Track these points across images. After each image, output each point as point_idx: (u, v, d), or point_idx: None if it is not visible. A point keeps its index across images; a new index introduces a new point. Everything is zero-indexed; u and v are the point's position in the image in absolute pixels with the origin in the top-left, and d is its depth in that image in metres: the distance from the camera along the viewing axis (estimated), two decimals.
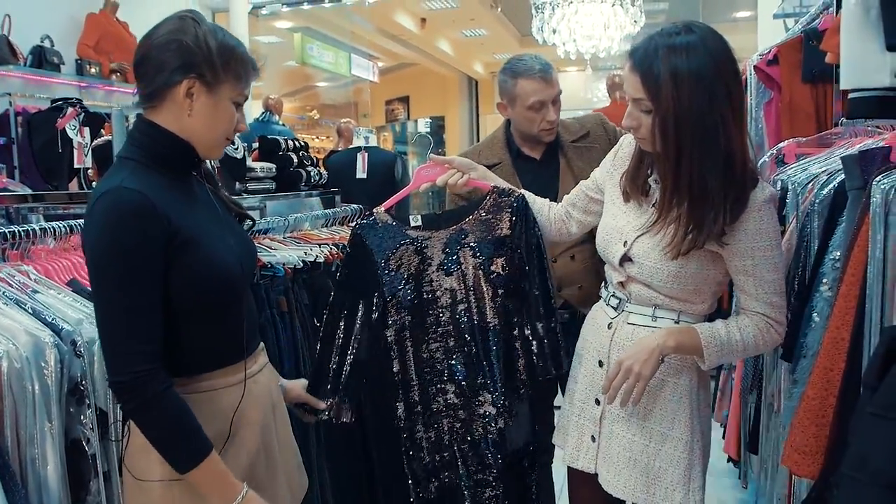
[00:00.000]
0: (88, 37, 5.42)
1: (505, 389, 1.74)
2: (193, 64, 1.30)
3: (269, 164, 2.95)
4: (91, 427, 1.43)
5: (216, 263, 1.33)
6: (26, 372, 1.33)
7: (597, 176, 1.76)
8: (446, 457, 1.76)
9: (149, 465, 1.28)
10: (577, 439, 1.70)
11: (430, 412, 1.75)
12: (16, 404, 1.33)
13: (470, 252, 1.75)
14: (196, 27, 1.31)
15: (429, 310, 1.75)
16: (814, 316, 1.57)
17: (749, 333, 1.50)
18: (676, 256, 1.47)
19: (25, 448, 1.34)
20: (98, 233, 1.22)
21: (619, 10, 5.25)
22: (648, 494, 1.56)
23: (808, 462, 1.44)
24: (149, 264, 1.23)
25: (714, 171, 1.41)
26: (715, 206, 1.42)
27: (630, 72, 1.47)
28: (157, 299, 1.25)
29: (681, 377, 1.57)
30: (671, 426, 1.56)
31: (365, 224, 1.79)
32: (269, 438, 1.45)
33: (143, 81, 1.33)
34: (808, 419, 1.44)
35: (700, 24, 1.44)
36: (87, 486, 1.44)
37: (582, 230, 1.82)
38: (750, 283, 1.49)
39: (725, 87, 1.40)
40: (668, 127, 1.41)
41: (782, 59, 2.62)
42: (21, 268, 1.61)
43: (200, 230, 1.32)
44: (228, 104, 1.36)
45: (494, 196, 1.78)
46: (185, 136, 1.34)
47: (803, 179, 1.90)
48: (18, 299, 1.50)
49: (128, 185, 1.23)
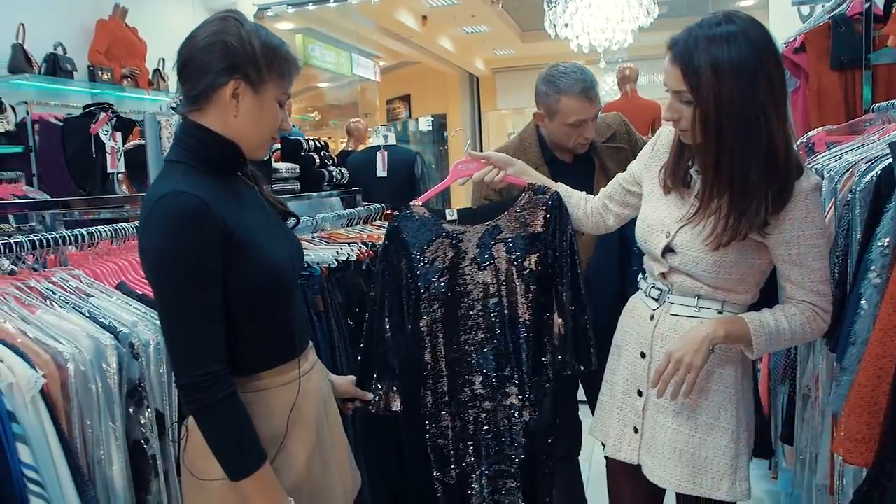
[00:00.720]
0: (99, 43, 5.42)
1: (531, 383, 1.78)
2: (238, 65, 1.30)
3: (293, 165, 2.96)
4: (151, 428, 1.45)
5: (270, 264, 1.34)
6: (90, 375, 1.35)
7: (634, 169, 1.77)
8: (470, 445, 1.80)
9: (210, 464, 1.29)
10: (619, 431, 1.71)
11: (457, 402, 1.80)
12: (81, 407, 1.34)
13: (504, 247, 1.78)
14: (239, 27, 1.31)
15: (461, 302, 1.79)
16: (862, 303, 1.57)
17: (797, 322, 1.51)
18: (717, 248, 1.48)
19: (92, 449, 1.36)
20: (158, 237, 1.23)
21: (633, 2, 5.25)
22: (695, 484, 1.57)
23: (862, 450, 1.45)
24: (209, 266, 1.24)
25: (756, 163, 1.41)
26: (757, 198, 1.43)
27: (670, 64, 1.47)
28: (219, 300, 1.26)
29: (726, 367, 1.58)
30: (717, 416, 1.57)
31: (402, 217, 1.82)
32: (323, 435, 1.47)
33: (188, 84, 1.33)
34: (860, 407, 1.45)
35: (741, 14, 1.44)
36: (147, 486, 1.46)
37: (619, 223, 1.84)
38: (796, 272, 1.50)
39: (767, 77, 1.39)
40: (710, 119, 1.42)
41: (809, 46, 2.62)
42: (73, 272, 1.62)
43: (253, 231, 1.33)
44: (273, 103, 1.37)
45: (530, 193, 1.81)
46: (231, 137, 1.34)
47: (840, 167, 1.90)
48: (75, 303, 1.51)
49: (183, 189, 1.24)
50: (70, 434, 1.33)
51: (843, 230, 1.79)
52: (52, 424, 1.27)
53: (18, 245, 1.57)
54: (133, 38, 5.77)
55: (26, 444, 1.22)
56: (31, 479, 1.22)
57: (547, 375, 1.79)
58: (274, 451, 1.35)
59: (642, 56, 7.27)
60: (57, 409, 1.31)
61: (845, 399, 1.51)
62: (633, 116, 2.38)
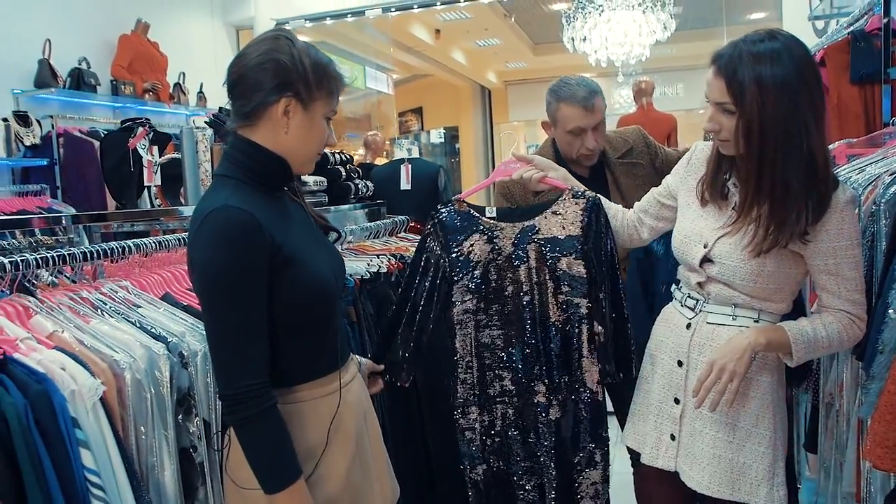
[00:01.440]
0: (122, 58, 5.53)
1: (559, 383, 1.81)
2: (290, 82, 1.34)
3: (321, 178, 3.01)
4: (199, 436, 1.50)
5: (316, 279, 1.37)
6: (145, 383, 1.40)
7: (669, 182, 1.81)
8: (497, 441, 1.84)
9: (252, 473, 1.31)
10: (655, 439, 1.74)
11: (486, 396, 1.84)
12: (136, 414, 1.39)
13: (538, 247, 1.82)
14: (291, 46, 1.35)
15: (493, 297, 1.83)
16: (889, 312, 1.61)
17: (834, 330, 1.55)
18: (758, 255, 1.53)
19: (146, 455, 1.41)
20: (209, 250, 1.26)
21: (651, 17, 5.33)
22: (734, 490, 1.60)
23: (891, 455, 1.48)
24: (257, 281, 1.27)
25: (797, 174, 1.46)
26: (797, 207, 1.48)
27: (714, 76, 1.53)
28: (265, 315, 1.29)
29: (763, 375, 1.61)
30: (755, 423, 1.61)
31: (443, 210, 1.88)
32: (363, 446, 1.49)
33: (239, 100, 1.36)
34: (889, 413, 1.48)
35: (783, 32, 1.50)
36: (195, 492, 1.50)
37: (653, 236, 1.88)
38: (832, 282, 1.54)
39: (808, 92, 1.46)
40: (753, 131, 1.47)
41: (829, 60, 2.67)
42: (121, 283, 1.68)
43: (300, 246, 1.36)
44: (321, 120, 1.41)
45: (569, 196, 1.85)
46: (280, 153, 1.38)
47: (864, 180, 1.94)
48: (125, 314, 1.57)
49: (233, 204, 1.27)
50: (126, 440, 1.38)
51: (867, 241, 1.82)
52: (111, 431, 1.32)
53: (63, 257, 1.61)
54: (154, 53, 5.87)
55: (88, 449, 1.27)
56: (94, 484, 1.27)
57: (577, 377, 1.82)
58: (314, 461, 1.37)
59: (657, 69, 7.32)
60: (114, 416, 1.36)
61: (874, 406, 1.54)
62: (650, 129, 2.42)
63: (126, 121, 2.64)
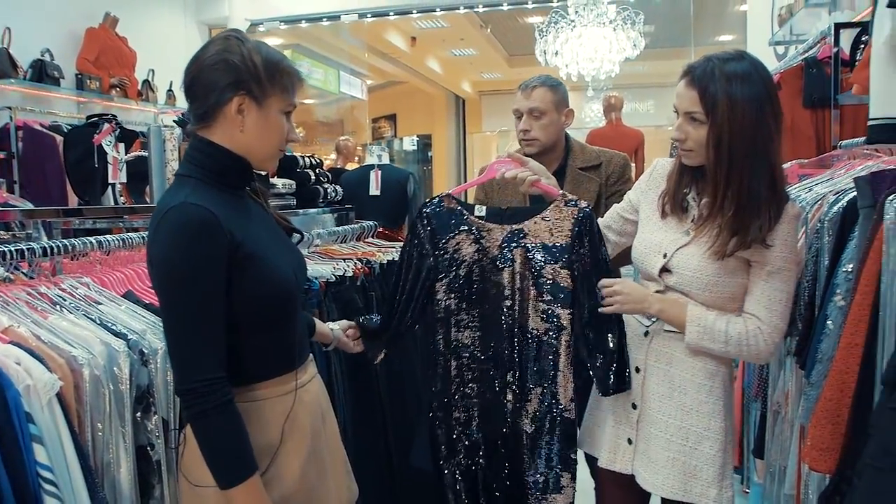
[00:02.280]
0: (88, 51, 5.42)
1: (531, 394, 1.79)
2: (241, 81, 1.36)
3: (290, 181, 3.03)
4: (157, 434, 1.50)
5: (276, 277, 1.39)
6: (103, 379, 1.41)
7: (631, 198, 1.87)
8: (473, 438, 1.82)
9: (205, 471, 1.32)
10: (613, 443, 1.79)
11: (462, 393, 1.82)
12: (93, 410, 1.40)
13: (524, 252, 1.79)
14: (241, 45, 1.37)
15: (476, 299, 1.81)
16: (828, 324, 1.68)
17: (734, 329, 1.63)
18: (722, 257, 1.61)
19: (101, 452, 1.41)
20: (167, 246, 1.28)
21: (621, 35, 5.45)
22: (686, 492, 1.67)
23: (826, 458, 1.55)
24: (215, 276, 1.29)
25: (762, 183, 1.57)
26: (762, 214, 1.57)
27: (686, 87, 1.62)
28: (223, 310, 1.31)
29: (715, 380, 1.69)
30: (707, 426, 1.68)
31: (431, 203, 1.85)
32: (319, 446, 1.50)
33: (195, 102, 1.39)
34: (825, 418, 1.55)
35: (747, 53, 1.63)
36: (151, 490, 1.51)
37: (616, 251, 1.91)
38: (759, 288, 1.63)
39: (772, 108, 1.58)
40: (723, 141, 1.57)
41: (784, 84, 2.77)
42: (82, 279, 1.69)
43: (260, 244, 1.38)
44: (278, 116, 1.42)
45: (561, 203, 1.80)
46: (239, 151, 1.40)
47: (811, 198, 2.02)
48: (85, 310, 1.58)
49: (193, 201, 1.29)
50: (82, 437, 1.38)
51: (812, 256, 1.91)
52: (66, 427, 1.33)
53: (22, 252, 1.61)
54: (123, 48, 5.78)
55: (42, 444, 1.27)
56: (46, 479, 1.27)
57: (550, 390, 1.78)
58: (268, 459, 1.38)
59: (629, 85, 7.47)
60: (70, 412, 1.36)
61: (812, 412, 1.61)
62: (618, 144, 2.50)
63: (92, 116, 2.63)
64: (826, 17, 3.44)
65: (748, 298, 1.65)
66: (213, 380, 1.28)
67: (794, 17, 3.81)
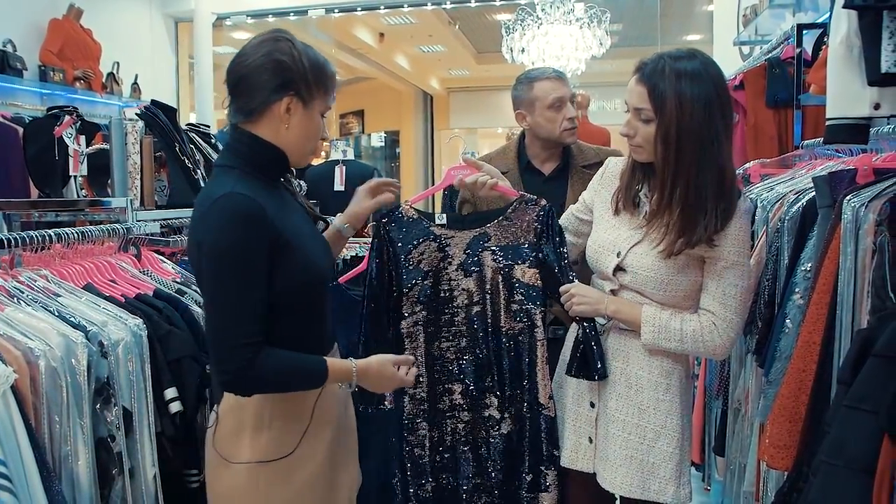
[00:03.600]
0: (52, 43, 5.32)
1: (511, 395, 1.80)
2: (292, 81, 1.43)
3: None
4: (118, 426, 1.49)
5: (311, 265, 1.47)
6: (60, 372, 1.39)
7: (585, 197, 1.88)
8: (447, 457, 1.80)
9: (238, 448, 1.41)
10: (574, 442, 1.79)
11: (436, 410, 1.80)
12: (49, 403, 1.38)
13: (491, 255, 1.79)
14: (291, 47, 1.44)
15: (444, 308, 1.80)
16: (787, 322, 1.72)
17: (689, 327, 1.64)
18: (669, 256, 1.61)
19: (59, 445, 1.39)
20: (217, 233, 1.35)
21: (587, 32, 5.49)
22: (644, 489, 1.68)
23: (783, 455, 1.57)
24: (260, 262, 1.36)
25: (708, 182, 1.57)
26: (707, 213, 1.57)
27: (636, 83, 1.62)
28: (265, 295, 1.38)
29: (671, 378, 1.69)
30: (664, 424, 1.68)
31: (390, 215, 1.82)
32: (341, 430, 1.57)
33: (242, 98, 1.45)
34: (783, 416, 1.58)
35: (700, 52, 1.62)
36: (110, 482, 1.49)
37: (574, 253, 1.90)
38: (714, 284, 1.64)
39: (721, 108, 1.57)
40: (671, 139, 1.57)
41: (748, 84, 2.81)
42: (40, 272, 1.65)
43: (297, 232, 1.45)
44: (318, 116, 1.50)
45: (522, 203, 1.81)
46: (280, 146, 1.47)
47: (772, 198, 2.06)
48: (43, 302, 1.54)
49: (239, 191, 1.36)
50: (38, 430, 1.36)
51: (773, 255, 1.94)
52: (21, 420, 1.31)
53: None
54: (87, 40, 5.68)
55: None
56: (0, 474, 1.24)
57: (529, 389, 1.79)
58: (298, 438, 1.45)
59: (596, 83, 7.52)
60: (26, 405, 1.34)
61: (770, 409, 1.64)
62: (584, 141, 2.51)
63: (52, 108, 2.57)
64: (790, 18, 3.51)
65: (703, 294, 1.67)
66: (250, 359, 1.34)
67: (759, 18, 3.87)
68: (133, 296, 1.75)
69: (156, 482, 1.60)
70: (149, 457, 1.59)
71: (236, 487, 1.42)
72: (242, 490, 1.42)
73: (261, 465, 1.41)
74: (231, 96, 1.47)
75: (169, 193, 2.54)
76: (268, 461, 1.41)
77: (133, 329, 1.59)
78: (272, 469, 1.42)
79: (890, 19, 1.15)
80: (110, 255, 1.94)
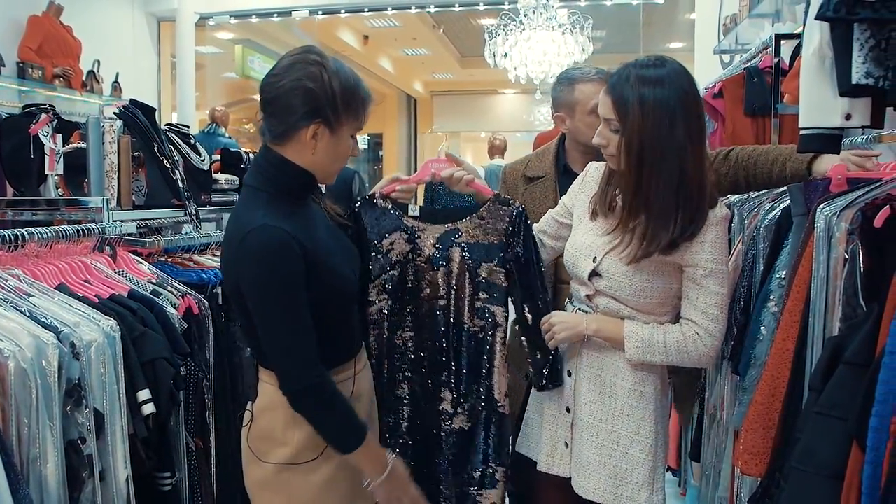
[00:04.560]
0: (31, 39, 5.28)
1: (466, 392, 1.80)
2: (319, 109, 1.45)
3: (233, 177, 2.99)
4: (89, 428, 1.47)
5: (338, 281, 1.52)
6: (30, 372, 1.37)
7: (565, 201, 1.88)
8: (401, 443, 1.82)
9: (269, 450, 1.52)
10: (550, 447, 1.80)
11: (394, 397, 1.81)
12: (18, 404, 1.36)
13: (460, 251, 1.79)
14: (322, 72, 1.44)
15: (408, 299, 1.80)
16: (761, 329, 1.73)
17: (673, 339, 1.64)
18: (630, 262, 1.62)
19: (27, 447, 1.37)
20: (255, 267, 1.42)
21: (570, 38, 5.53)
22: (617, 495, 1.68)
23: (757, 461, 1.58)
24: (301, 286, 1.43)
25: (670, 191, 1.57)
26: (669, 221, 1.58)
27: (604, 94, 1.63)
28: (310, 315, 1.44)
29: (646, 385, 1.70)
30: (637, 431, 1.69)
31: (363, 203, 1.82)
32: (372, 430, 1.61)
33: (272, 119, 1.49)
34: (756, 423, 1.59)
35: (670, 59, 1.61)
36: (80, 486, 1.47)
37: (552, 256, 1.92)
38: (694, 292, 1.64)
39: (685, 117, 1.57)
40: (633, 148, 1.58)
41: (727, 93, 2.84)
42: (12, 271, 1.63)
43: (324, 250, 1.50)
44: (347, 139, 1.53)
45: (496, 203, 1.82)
46: (308, 168, 1.51)
47: (748, 206, 2.08)
48: (14, 302, 1.52)
49: (270, 223, 1.41)
50: (6, 432, 1.34)
51: (748, 262, 1.96)
52: None
53: None
54: (67, 37, 5.63)
55: None
56: None
57: (486, 386, 1.81)
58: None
59: None
60: None
61: (744, 416, 1.65)
62: None
63: (28, 105, 2.55)
64: (769, 28, 3.55)
65: (684, 304, 1.67)
66: (318, 376, 1.44)
67: (739, 27, 3.91)
68: (107, 296, 1.73)
69: (128, 485, 1.58)
70: (121, 459, 1.57)
71: (265, 483, 1.53)
72: (270, 486, 1.53)
73: (288, 468, 1.50)
74: (263, 114, 1.50)
75: (147, 194, 2.51)
76: (295, 464, 1.50)
77: (106, 330, 1.57)
78: (298, 469, 1.50)
79: (861, 31, 1.16)
80: (85, 255, 1.92)
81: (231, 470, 2.01)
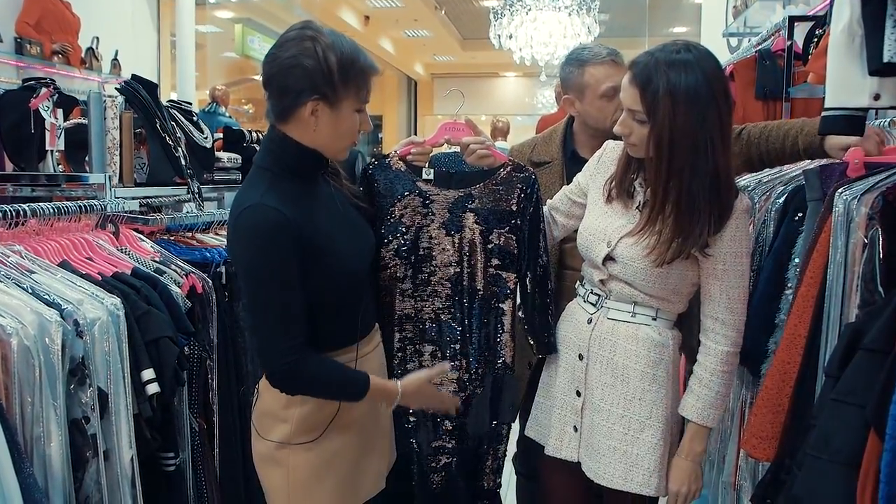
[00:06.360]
0: (29, 14, 5.20)
1: (479, 358, 1.80)
2: (315, 85, 1.41)
3: (235, 155, 2.96)
4: (92, 407, 1.45)
5: (339, 267, 1.50)
6: (33, 350, 1.35)
7: (580, 180, 1.84)
8: (410, 415, 1.81)
9: (271, 427, 1.53)
10: (559, 430, 1.78)
11: (405, 370, 1.78)
12: (21, 382, 1.34)
13: (473, 217, 1.78)
14: (315, 46, 1.40)
15: (422, 265, 1.78)
16: (782, 317, 1.71)
17: (708, 372, 1.63)
18: (661, 264, 1.58)
19: (31, 426, 1.35)
20: (245, 246, 1.42)
21: (576, 19, 5.48)
22: (627, 480, 1.66)
23: (765, 446, 1.58)
24: (290, 270, 1.40)
25: (702, 186, 1.52)
26: (701, 220, 1.53)
27: (629, 83, 1.56)
28: (301, 298, 1.42)
29: (658, 369, 1.67)
30: (649, 415, 1.66)
31: (377, 165, 1.80)
32: (370, 417, 1.62)
33: (272, 100, 1.47)
34: (766, 407, 1.58)
35: (698, 46, 1.55)
36: (84, 465, 1.46)
37: (564, 234, 1.90)
38: (716, 287, 1.61)
39: (717, 107, 1.51)
40: (663, 142, 1.52)
41: (737, 76, 2.80)
42: (14, 248, 1.60)
43: (325, 235, 1.47)
44: (350, 113, 1.48)
45: (509, 169, 1.79)
46: (313, 147, 1.48)
47: (760, 190, 2.05)
48: (16, 279, 1.50)
49: (266, 203, 1.39)
50: (9, 410, 1.32)
51: (759, 247, 1.94)
52: None
53: None
54: (66, 13, 5.56)
55: None
56: None
57: (497, 352, 1.81)
58: (327, 423, 1.52)
59: None
60: None
61: (754, 400, 1.64)
62: None
63: (28, 80, 2.51)
64: (780, 11, 3.50)
65: (708, 301, 1.63)
66: (295, 360, 1.41)
67: (749, 10, 3.87)
68: (110, 274, 1.71)
69: (133, 465, 1.57)
70: (125, 439, 1.55)
71: (268, 459, 1.55)
72: (272, 461, 1.54)
73: (288, 445, 1.51)
74: (267, 96, 1.48)
75: (149, 171, 2.48)
76: (295, 443, 1.50)
77: (110, 308, 1.54)
78: (298, 448, 1.51)
79: (894, 7, 1.13)
80: (87, 232, 1.89)
81: (234, 450, 2.01)
